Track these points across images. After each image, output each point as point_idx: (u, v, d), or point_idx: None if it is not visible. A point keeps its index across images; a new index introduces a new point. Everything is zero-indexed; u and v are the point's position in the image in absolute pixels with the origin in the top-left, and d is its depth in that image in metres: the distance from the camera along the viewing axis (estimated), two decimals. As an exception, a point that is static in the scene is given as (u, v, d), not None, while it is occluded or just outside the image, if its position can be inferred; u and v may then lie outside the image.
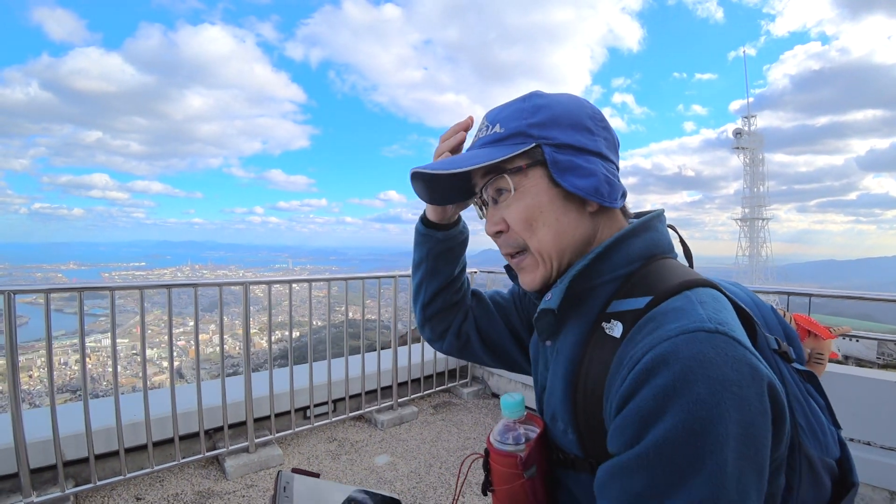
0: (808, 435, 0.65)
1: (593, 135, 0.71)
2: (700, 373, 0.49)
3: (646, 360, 0.53)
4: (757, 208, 41.39)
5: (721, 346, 0.51)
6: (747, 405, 0.49)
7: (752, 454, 0.50)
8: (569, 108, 0.72)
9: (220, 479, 2.73)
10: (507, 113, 0.73)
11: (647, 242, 0.71)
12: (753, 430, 0.50)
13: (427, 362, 4.08)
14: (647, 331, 0.57)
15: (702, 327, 0.53)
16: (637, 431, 0.52)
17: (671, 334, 0.53)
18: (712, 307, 0.57)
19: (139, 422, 2.58)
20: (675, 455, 0.49)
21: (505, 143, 0.71)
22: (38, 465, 2.35)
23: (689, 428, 0.48)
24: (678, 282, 0.62)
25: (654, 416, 0.50)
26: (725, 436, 0.48)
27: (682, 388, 0.49)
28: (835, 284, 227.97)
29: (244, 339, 2.93)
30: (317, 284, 3.40)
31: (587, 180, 0.68)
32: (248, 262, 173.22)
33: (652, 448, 0.50)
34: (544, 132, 0.69)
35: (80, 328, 2.35)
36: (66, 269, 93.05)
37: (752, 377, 0.51)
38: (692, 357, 0.50)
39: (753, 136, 41.19)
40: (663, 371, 0.51)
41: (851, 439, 2.58)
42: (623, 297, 0.65)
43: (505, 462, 0.70)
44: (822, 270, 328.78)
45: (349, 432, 3.43)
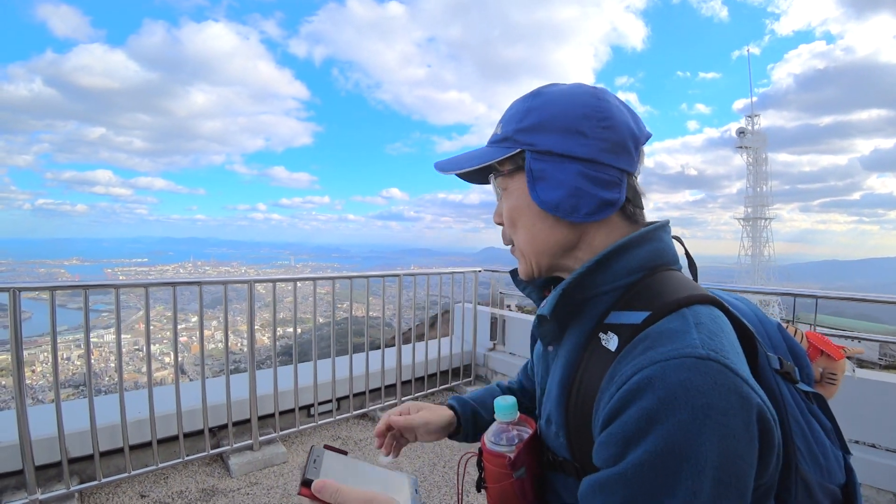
0: (808, 459, 0.64)
1: (586, 138, 0.68)
2: (684, 399, 0.50)
3: (634, 380, 0.53)
4: (760, 208, 41.24)
5: (710, 374, 0.51)
6: (730, 434, 0.50)
7: (733, 482, 0.50)
8: (564, 108, 0.70)
9: (224, 476, 2.73)
10: (508, 115, 0.75)
11: (650, 253, 0.69)
12: (735, 459, 0.50)
13: (431, 360, 4.08)
14: (639, 350, 0.57)
15: (693, 353, 0.53)
16: (619, 450, 0.53)
17: (661, 358, 0.53)
18: (708, 330, 0.57)
19: (144, 419, 2.58)
20: (652, 476, 0.50)
21: (499, 145, 0.74)
22: (44, 461, 2.35)
23: (668, 451, 0.49)
24: (677, 298, 0.62)
25: (637, 437, 0.51)
26: (704, 462, 0.49)
27: (666, 412, 0.50)
28: (838, 285, 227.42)
29: (249, 337, 2.93)
30: (320, 282, 3.40)
31: (553, 193, 0.69)
32: (250, 258, 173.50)
33: (631, 468, 0.51)
34: (529, 137, 0.71)
35: (86, 327, 2.34)
36: (70, 265, 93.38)
37: (740, 406, 0.51)
38: (679, 383, 0.51)
39: (757, 135, 41.02)
40: (649, 394, 0.51)
41: (856, 441, 2.58)
42: (622, 308, 0.65)
43: (496, 462, 0.72)
44: (825, 270, 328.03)
45: (353, 430, 3.43)
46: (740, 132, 41.46)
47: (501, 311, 4.61)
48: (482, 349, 4.55)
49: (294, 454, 3.03)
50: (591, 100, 0.70)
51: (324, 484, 0.60)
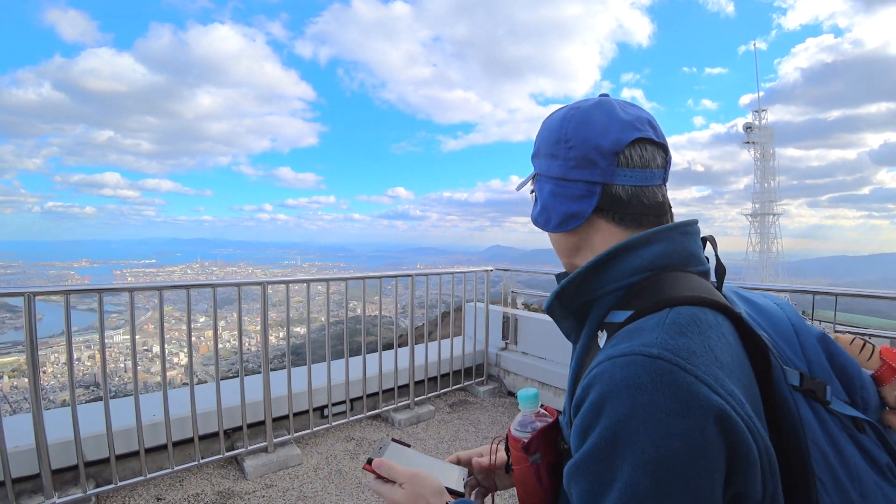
0: (831, 491, 0.58)
1: (556, 159, 0.77)
2: (625, 396, 0.52)
3: (591, 375, 0.57)
4: (767, 203, 40.94)
5: (656, 373, 0.51)
6: (673, 434, 0.49)
7: (679, 484, 0.49)
8: (545, 135, 0.80)
9: (239, 479, 2.73)
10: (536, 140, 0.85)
11: (658, 254, 0.68)
12: (677, 460, 0.49)
13: (443, 360, 4.06)
14: (607, 347, 0.60)
15: (643, 351, 0.53)
16: (579, 441, 0.56)
17: (615, 354, 0.56)
18: (675, 331, 0.56)
19: (159, 422, 2.58)
20: (595, 467, 0.53)
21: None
22: (60, 465, 2.35)
23: (607, 444, 0.52)
24: (667, 298, 0.61)
25: (588, 429, 0.55)
26: (640, 458, 0.50)
27: (608, 405, 0.53)
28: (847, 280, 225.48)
29: (262, 340, 2.92)
30: (331, 282, 3.39)
31: (534, 210, 0.84)
32: (257, 258, 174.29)
33: (584, 456, 0.55)
34: (536, 161, 0.83)
35: (101, 331, 2.34)
36: (79, 267, 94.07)
37: (689, 406, 0.50)
38: (622, 379, 0.53)
39: (764, 130, 40.70)
40: (597, 387, 0.55)
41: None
42: (620, 308, 0.67)
43: (514, 446, 0.78)
44: (835, 266, 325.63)
45: (366, 431, 3.41)
46: (747, 127, 41.15)
47: (513, 311, 4.58)
48: (494, 349, 4.53)
49: (308, 456, 3.01)
50: (558, 124, 0.77)
51: (381, 462, 0.80)
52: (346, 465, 2.93)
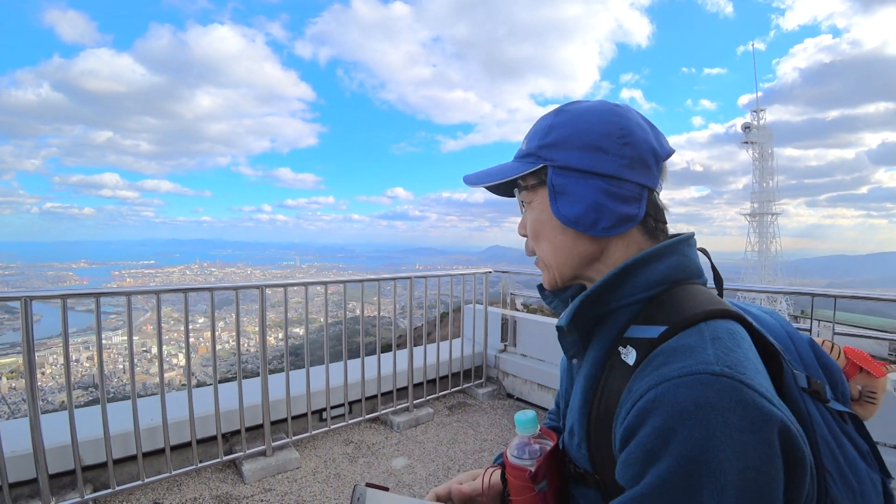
0: (838, 482, 0.62)
1: (607, 154, 0.70)
2: (697, 417, 0.50)
3: (646, 398, 0.54)
4: (766, 203, 40.96)
5: (725, 391, 0.51)
6: (749, 451, 0.49)
7: (755, 501, 0.49)
8: (586, 126, 0.72)
9: (237, 482, 2.72)
10: (532, 131, 0.77)
11: (671, 267, 0.69)
12: (756, 476, 0.49)
13: (442, 363, 4.05)
14: (654, 366, 0.57)
15: (706, 370, 0.53)
16: (639, 470, 0.53)
17: (674, 374, 0.53)
18: (725, 345, 0.56)
19: (156, 426, 2.57)
20: (671, 496, 0.50)
21: (523, 160, 0.77)
22: (57, 470, 2.34)
23: (686, 471, 0.49)
24: (696, 312, 0.62)
25: (653, 456, 0.52)
26: (724, 481, 0.48)
27: (679, 430, 0.50)
28: (846, 279, 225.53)
29: (261, 344, 2.91)
30: (332, 284, 3.38)
31: (573, 207, 0.71)
32: (255, 259, 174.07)
33: (650, 488, 0.51)
34: (551, 153, 0.73)
35: (98, 335, 2.33)
36: (78, 268, 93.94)
37: (760, 422, 0.50)
38: (691, 401, 0.51)
39: (762, 130, 40.73)
40: (661, 411, 0.52)
41: (877, 443, 2.53)
42: (641, 322, 0.66)
43: (518, 475, 0.74)
44: (833, 265, 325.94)
45: (365, 434, 3.40)
46: (746, 127, 41.20)
47: (512, 312, 4.57)
48: (493, 350, 4.52)
49: (307, 459, 3.01)
50: (612, 117, 0.72)
51: None
52: (345, 469, 2.92)
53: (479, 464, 3.02)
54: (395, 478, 2.84)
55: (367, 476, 2.85)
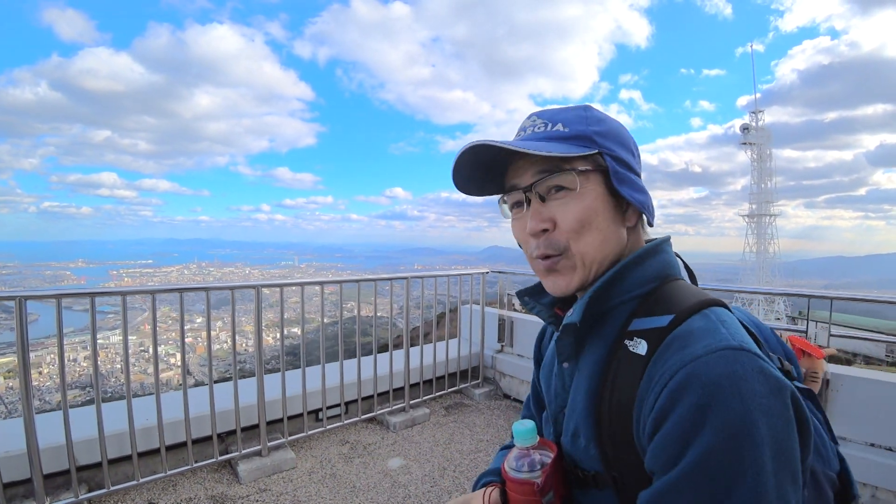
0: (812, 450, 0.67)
1: (634, 157, 0.76)
2: (731, 388, 0.52)
3: (677, 378, 0.56)
4: (764, 204, 41.05)
5: (747, 362, 0.55)
6: (776, 414, 0.53)
7: (786, 461, 0.53)
8: (620, 128, 0.76)
9: (233, 483, 2.71)
10: (569, 116, 0.74)
11: (661, 264, 0.74)
12: (783, 438, 0.53)
13: (439, 363, 4.05)
14: (674, 349, 0.60)
15: (728, 345, 0.56)
16: (678, 449, 0.54)
17: (700, 353, 0.56)
18: (732, 326, 0.61)
19: (152, 426, 2.56)
20: (717, 469, 0.52)
21: (570, 142, 0.71)
22: (52, 470, 2.34)
23: (728, 441, 0.51)
24: (696, 301, 0.66)
25: (692, 432, 0.53)
26: (762, 445, 0.51)
27: (716, 403, 0.52)
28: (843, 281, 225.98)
29: (256, 343, 2.91)
30: (329, 284, 3.38)
31: (642, 195, 0.74)
32: (254, 259, 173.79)
33: (695, 465, 0.53)
34: (607, 143, 0.72)
35: (93, 335, 2.32)
36: (75, 267, 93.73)
37: (778, 388, 0.54)
38: (723, 374, 0.53)
39: (761, 131, 40.82)
40: (696, 387, 0.54)
41: (872, 444, 2.54)
42: (643, 315, 0.68)
43: (522, 490, 0.71)
44: (831, 267, 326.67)
45: (361, 435, 3.40)
46: (744, 128, 41.27)
47: (509, 313, 4.57)
48: (490, 351, 4.52)
49: (303, 459, 3.00)
50: (626, 129, 0.78)
51: None
52: (341, 469, 2.91)
53: (476, 464, 3.02)
54: (391, 478, 2.84)
55: (362, 476, 2.84)
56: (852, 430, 2.61)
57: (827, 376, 2.58)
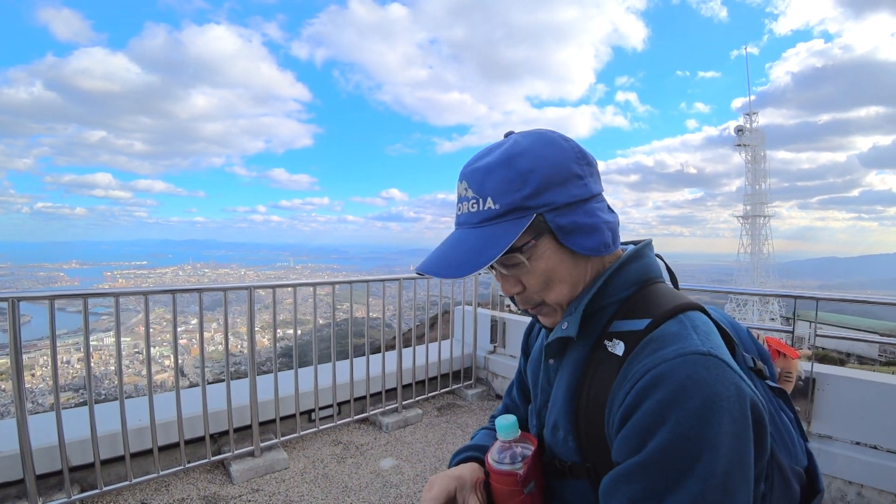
0: (780, 445, 0.72)
1: (582, 179, 0.73)
2: (694, 389, 0.57)
3: (647, 377, 0.60)
4: (759, 205, 41.22)
5: (712, 368, 0.59)
6: (733, 419, 0.56)
7: (738, 462, 0.56)
8: (555, 160, 0.71)
9: (225, 483, 2.73)
10: (496, 184, 0.71)
11: (642, 268, 0.77)
12: (739, 442, 0.56)
13: (431, 364, 4.07)
14: (648, 351, 0.64)
15: (697, 350, 0.60)
16: (640, 441, 0.59)
17: (670, 356, 0.60)
18: (704, 332, 0.65)
19: (144, 427, 2.57)
20: (671, 460, 0.56)
21: (503, 220, 0.70)
22: (44, 470, 2.35)
23: (684, 436, 0.55)
24: (672, 306, 0.69)
25: (654, 426, 0.57)
26: (716, 443, 0.55)
27: (678, 401, 0.56)
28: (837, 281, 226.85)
29: (249, 344, 2.92)
30: (321, 285, 3.39)
31: (592, 238, 0.72)
32: (249, 260, 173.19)
33: (651, 454, 0.57)
34: (541, 199, 0.70)
35: (85, 337, 2.33)
36: (69, 269, 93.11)
37: (737, 395, 0.58)
38: (688, 376, 0.58)
39: (755, 133, 41.00)
40: (662, 387, 0.58)
41: (858, 442, 2.58)
42: (623, 318, 0.72)
43: (505, 481, 0.74)
44: (825, 267, 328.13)
45: (354, 435, 3.42)
46: (739, 130, 41.44)
47: (502, 314, 4.60)
48: (482, 352, 4.55)
49: (295, 460, 3.02)
50: (561, 143, 0.74)
51: None
52: (333, 469, 2.93)
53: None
54: (383, 478, 2.86)
55: (354, 476, 2.86)
56: (838, 429, 2.65)
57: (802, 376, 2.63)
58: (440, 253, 0.75)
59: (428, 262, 0.74)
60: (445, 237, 0.79)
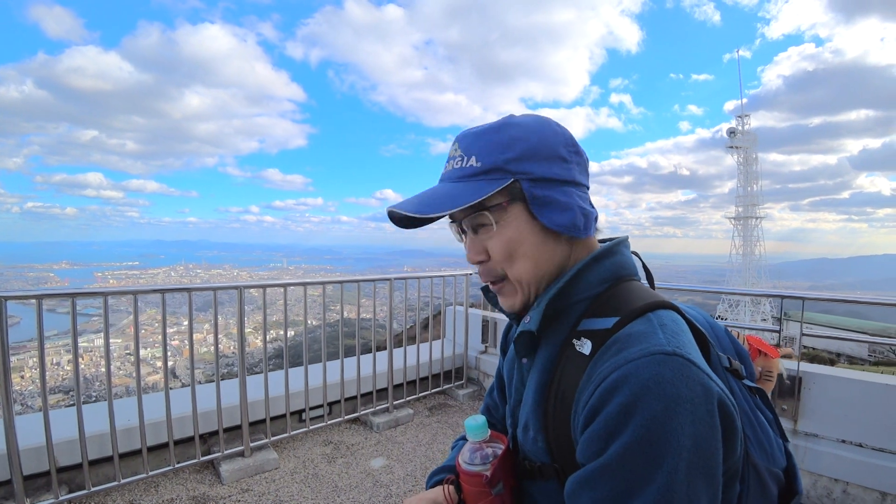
0: (755, 445, 0.72)
1: (567, 163, 0.74)
2: (657, 391, 0.55)
3: (611, 378, 0.59)
4: (751, 207, 41.55)
5: (677, 368, 0.57)
6: (698, 420, 0.55)
7: (703, 463, 0.55)
8: (544, 137, 0.74)
9: (215, 483, 2.72)
10: (483, 145, 0.73)
11: (614, 266, 0.76)
12: (703, 443, 0.55)
13: (422, 364, 4.08)
14: (613, 351, 0.63)
15: (661, 350, 0.59)
16: (602, 444, 0.58)
17: (634, 356, 0.59)
18: (671, 331, 0.63)
19: (133, 427, 2.56)
20: (633, 463, 0.55)
21: (482, 178, 0.72)
22: (32, 471, 2.33)
23: (646, 439, 0.54)
24: (642, 304, 0.68)
25: (617, 429, 0.56)
26: (678, 446, 0.54)
27: (641, 403, 0.55)
28: (828, 282, 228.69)
29: (239, 344, 2.92)
30: (313, 285, 3.39)
31: (565, 215, 0.72)
32: (242, 261, 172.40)
33: (614, 458, 0.56)
34: (522, 167, 0.71)
35: (73, 336, 2.32)
36: (59, 269, 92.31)
37: (703, 395, 0.57)
38: (651, 377, 0.56)
39: (747, 135, 41.34)
40: (625, 389, 0.57)
41: (844, 440, 2.60)
42: (592, 316, 0.71)
43: (473, 482, 0.74)
44: (815, 268, 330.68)
45: (345, 435, 3.42)
46: (731, 132, 41.77)
47: (493, 314, 4.62)
48: (474, 352, 4.56)
49: (286, 460, 3.02)
50: (556, 128, 0.76)
51: None
52: (323, 470, 2.93)
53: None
54: (373, 478, 2.86)
55: (345, 476, 2.87)
56: (824, 427, 2.68)
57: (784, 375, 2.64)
58: (414, 198, 0.75)
59: (399, 204, 0.74)
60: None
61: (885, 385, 2.51)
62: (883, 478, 2.44)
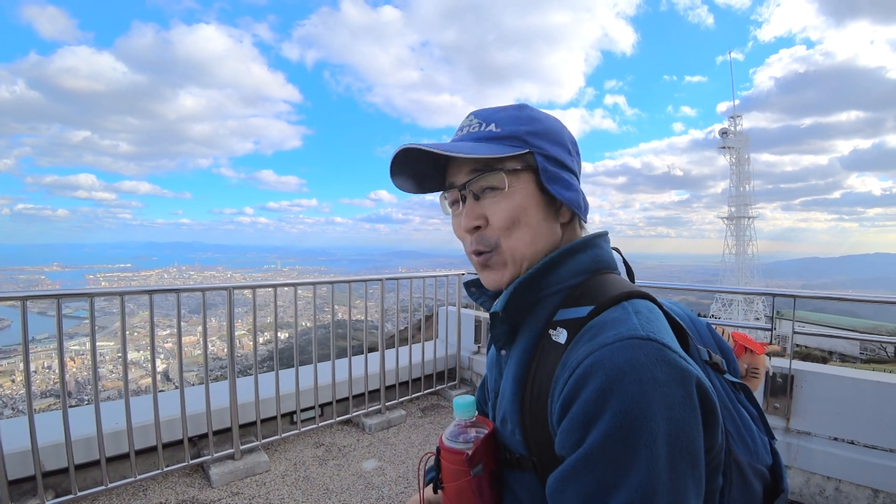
0: (738, 441, 0.72)
1: (571, 156, 0.79)
2: (632, 375, 0.54)
3: (584, 364, 0.58)
4: (743, 207, 41.85)
5: (651, 352, 0.56)
6: (676, 403, 0.54)
7: (684, 446, 0.54)
8: (557, 126, 0.78)
9: (204, 487, 2.69)
10: (503, 116, 0.76)
11: (592, 258, 0.76)
12: (683, 425, 0.54)
13: (415, 365, 4.06)
14: (586, 338, 0.62)
15: (635, 334, 0.58)
16: (581, 432, 0.56)
17: (607, 342, 0.58)
18: (645, 317, 0.63)
19: (121, 430, 2.53)
20: (614, 450, 0.54)
21: (501, 142, 0.74)
22: (17, 476, 2.30)
23: (624, 425, 0.53)
24: (618, 293, 0.68)
25: (595, 416, 0.55)
26: (657, 430, 0.53)
27: (617, 388, 0.54)
28: (819, 281, 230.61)
29: (229, 345, 2.89)
30: (307, 286, 3.37)
31: (571, 192, 0.76)
32: (235, 263, 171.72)
33: (594, 447, 0.55)
34: (538, 142, 0.74)
35: (59, 337, 2.28)
36: (50, 272, 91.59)
37: (680, 378, 0.56)
38: (625, 361, 0.55)
39: (739, 135, 41.65)
40: (600, 374, 0.56)
41: (836, 438, 2.61)
42: (568, 306, 0.71)
43: (453, 459, 0.73)
44: (807, 268, 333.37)
45: (336, 437, 3.39)
46: (723, 133, 42.06)
47: (486, 314, 4.60)
48: (467, 353, 4.54)
49: (276, 462, 2.99)
50: (563, 125, 0.80)
51: None
52: (315, 472, 2.91)
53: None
54: (365, 480, 2.84)
55: (336, 479, 2.84)
56: (816, 425, 2.68)
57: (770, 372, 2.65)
58: (434, 143, 0.72)
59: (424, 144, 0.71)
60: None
61: (877, 382, 2.52)
62: (875, 475, 2.45)
